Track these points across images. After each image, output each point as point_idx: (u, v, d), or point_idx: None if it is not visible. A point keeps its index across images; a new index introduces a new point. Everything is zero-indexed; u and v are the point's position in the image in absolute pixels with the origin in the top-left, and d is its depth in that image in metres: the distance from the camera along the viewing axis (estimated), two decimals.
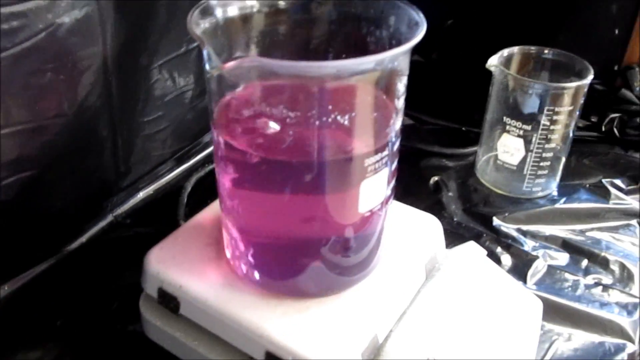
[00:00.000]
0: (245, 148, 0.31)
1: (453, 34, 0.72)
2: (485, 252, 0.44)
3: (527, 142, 0.55)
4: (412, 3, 0.32)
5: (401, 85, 0.31)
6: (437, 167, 0.63)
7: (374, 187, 0.32)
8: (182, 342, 0.39)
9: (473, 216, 0.56)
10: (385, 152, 0.31)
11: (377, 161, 0.31)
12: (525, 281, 0.49)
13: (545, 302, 0.46)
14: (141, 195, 0.57)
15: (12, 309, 0.45)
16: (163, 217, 0.54)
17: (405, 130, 0.33)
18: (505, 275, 0.44)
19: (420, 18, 0.31)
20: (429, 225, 0.42)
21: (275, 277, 0.36)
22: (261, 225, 0.34)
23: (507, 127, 0.56)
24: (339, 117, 0.29)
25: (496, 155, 0.59)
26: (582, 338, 0.45)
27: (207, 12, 0.30)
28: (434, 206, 0.57)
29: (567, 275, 0.50)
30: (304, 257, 0.34)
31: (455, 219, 0.55)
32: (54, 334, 0.43)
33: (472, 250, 0.43)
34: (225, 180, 0.34)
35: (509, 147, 0.56)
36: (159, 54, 0.50)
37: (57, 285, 0.47)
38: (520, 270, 0.50)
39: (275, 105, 0.29)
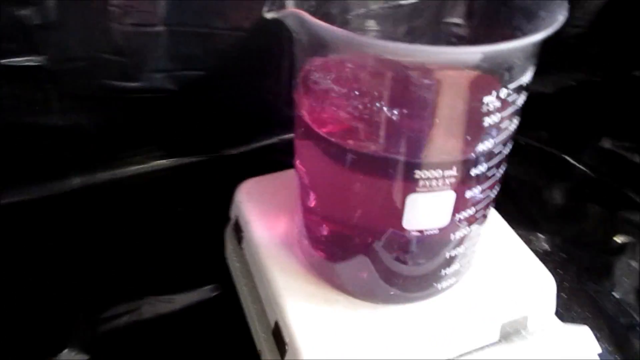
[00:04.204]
0: (309, 123, 0.29)
1: None
2: (599, 349, 0.34)
3: None
4: None
5: (495, 100, 0.25)
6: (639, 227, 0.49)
7: (427, 206, 0.27)
8: (237, 274, 0.39)
9: None
10: (452, 172, 0.26)
11: (435, 178, 0.25)
12: None
13: None
14: None
15: (165, 184, 0.51)
16: None
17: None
18: None
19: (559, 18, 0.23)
20: (536, 283, 0.34)
21: (319, 257, 0.33)
22: (316, 201, 0.32)
23: None
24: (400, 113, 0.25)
25: None
26: None
27: None
28: (600, 269, 0.45)
29: None
30: (347, 246, 0.31)
31: (616, 295, 0.43)
32: (175, 219, 0.47)
33: (579, 336, 0.34)
34: (296, 147, 0.32)
35: None
36: None
37: (203, 179, 0.52)
38: None
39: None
